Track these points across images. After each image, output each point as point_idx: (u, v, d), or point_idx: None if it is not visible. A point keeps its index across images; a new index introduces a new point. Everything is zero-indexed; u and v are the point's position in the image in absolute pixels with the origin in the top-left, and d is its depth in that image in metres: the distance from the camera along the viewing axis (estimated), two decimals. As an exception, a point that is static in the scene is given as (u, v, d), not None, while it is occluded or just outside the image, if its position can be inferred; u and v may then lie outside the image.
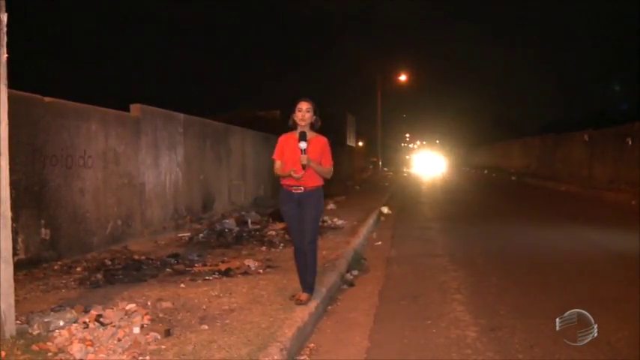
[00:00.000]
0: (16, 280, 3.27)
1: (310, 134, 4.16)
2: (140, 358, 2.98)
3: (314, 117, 4.15)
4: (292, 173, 4.02)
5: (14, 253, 3.60)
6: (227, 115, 18.69)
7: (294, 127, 4.16)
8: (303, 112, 4.09)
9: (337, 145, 22.94)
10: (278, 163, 4.22)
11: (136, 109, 7.37)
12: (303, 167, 4.03)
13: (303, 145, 4.02)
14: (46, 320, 3.37)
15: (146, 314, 3.63)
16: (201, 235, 7.67)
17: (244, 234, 7.70)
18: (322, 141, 4.23)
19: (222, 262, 5.70)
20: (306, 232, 4.10)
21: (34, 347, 3.06)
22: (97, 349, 3.07)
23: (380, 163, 36.71)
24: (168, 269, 5.39)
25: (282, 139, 4.26)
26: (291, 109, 4.14)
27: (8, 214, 3.12)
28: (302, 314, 3.77)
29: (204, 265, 5.60)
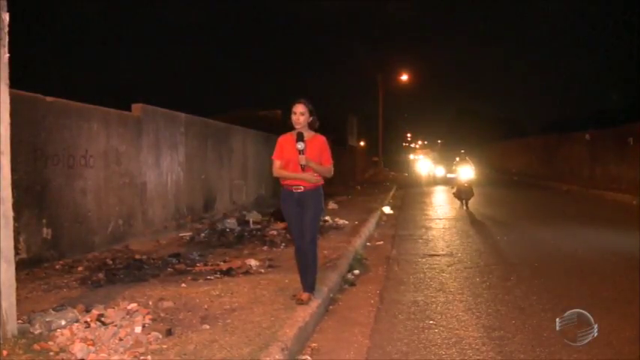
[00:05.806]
0: (17, 280, 3.27)
1: (308, 134, 4.15)
2: (141, 357, 2.99)
3: (310, 118, 4.16)
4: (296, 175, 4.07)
5: (16, 253, 3.60)
6: (228, 114, 18.68)
7: (293, 127, 4.17)
8: (298, 115, 4.10)
9: (338, 145, 22.94)
10: (277, 164, 4.21)
11: (137, 108, 7.38)
12: (302, 168, 4.03)
13: (300, 145, 4.02)
14: (47, 320, 3.38)
15: (147, 314, 3.64)
16: (202, 234, 7.68)
17: (246, 233, 7.71)
18: (321, 140, 4.22)
19: (224, 261, 5.71)
20: (306, 232, 4.10)
21: (36, 346, 3.06)
22: (98, 348, 3.08)
23: (381, 163, 36.65)
24: (169, 269, 5.39)
25: (281, 139, 4.26)
26: (290, 109, 4.15)
27: (10, 213, 3.13)
28: (303, 314, 3.78)
29: (206, 264, 5.61)
